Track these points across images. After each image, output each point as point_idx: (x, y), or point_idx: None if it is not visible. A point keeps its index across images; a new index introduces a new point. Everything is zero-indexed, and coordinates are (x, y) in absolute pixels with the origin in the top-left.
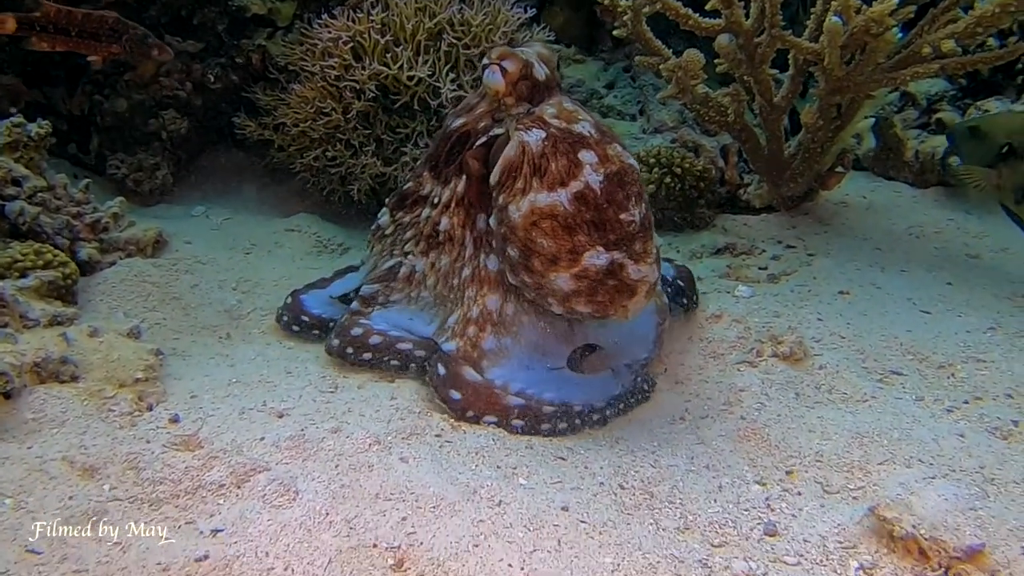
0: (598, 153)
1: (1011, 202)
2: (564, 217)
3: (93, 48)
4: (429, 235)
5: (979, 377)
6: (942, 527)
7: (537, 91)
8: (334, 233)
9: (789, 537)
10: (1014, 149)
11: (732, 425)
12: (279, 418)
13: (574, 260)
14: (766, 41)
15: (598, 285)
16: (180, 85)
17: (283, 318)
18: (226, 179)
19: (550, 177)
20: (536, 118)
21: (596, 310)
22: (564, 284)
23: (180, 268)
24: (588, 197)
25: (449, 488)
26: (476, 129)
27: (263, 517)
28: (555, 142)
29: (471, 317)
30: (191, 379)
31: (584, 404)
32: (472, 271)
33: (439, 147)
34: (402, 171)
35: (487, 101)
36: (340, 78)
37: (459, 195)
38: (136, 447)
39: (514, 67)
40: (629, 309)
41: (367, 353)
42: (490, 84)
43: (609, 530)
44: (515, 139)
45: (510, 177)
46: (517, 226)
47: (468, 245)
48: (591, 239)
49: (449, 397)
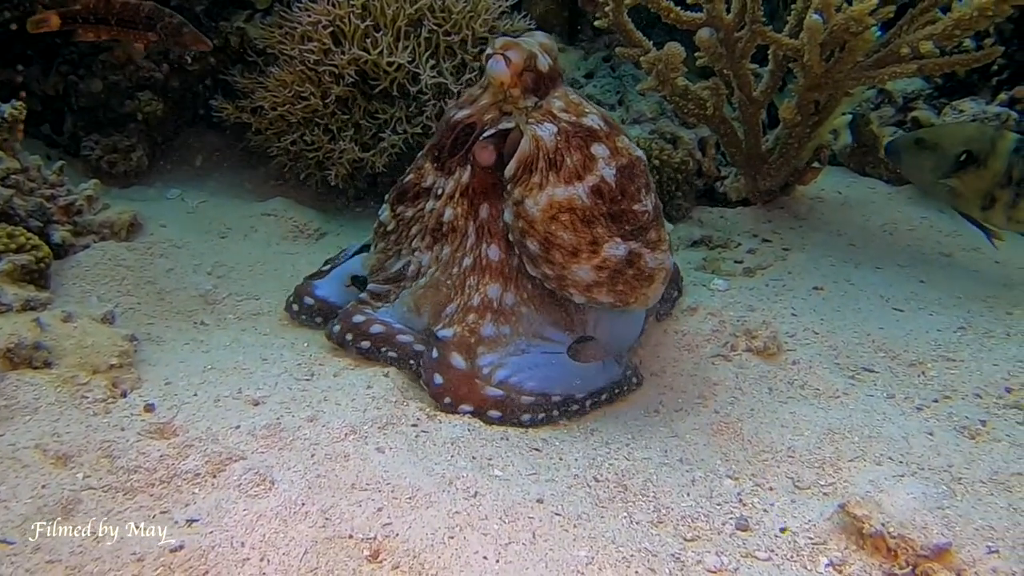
0: (609, 146)
1: (976, 209)
2: (582, 210)
3: (132, 36)
4: (434, 228)
5: (949, 376)
6: (910, 525)
7: (542, 81)
8: (311, 218)
9: (760, 532)
10: (975, 156)
11: (706, 419)
12: (254, 406)
13: (594, 251)
14: (747, 36)
15: (618, 275)
16: (157, 67)
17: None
18: (202, 162)
19: (566, 171)
20: (545, 112)
21: (617, 299)
22: (585, 275)
23: (155, 252)
24: (604, 190)
25: (425, 479)
26: (482, 121)
27: (239, 507)
28: (567, 136)
29: (471, 305)
30: (165, 365)
31: (564, 395)
32: (474, 260)
33: (442, 138)
34: (380, 157)
35: (490, 93)
36: (319, 63)
37: (463, 185)
38: (111, 435)
39: (518, 57)
40: (648, 296)
41: (365, 341)
42: (494, 74)
43: (583, 523)
44: (528, 133)
45: (525, 171)
46: (536, 220)
47: (471, 235)
48: (609, 230)
49: (432, 380)
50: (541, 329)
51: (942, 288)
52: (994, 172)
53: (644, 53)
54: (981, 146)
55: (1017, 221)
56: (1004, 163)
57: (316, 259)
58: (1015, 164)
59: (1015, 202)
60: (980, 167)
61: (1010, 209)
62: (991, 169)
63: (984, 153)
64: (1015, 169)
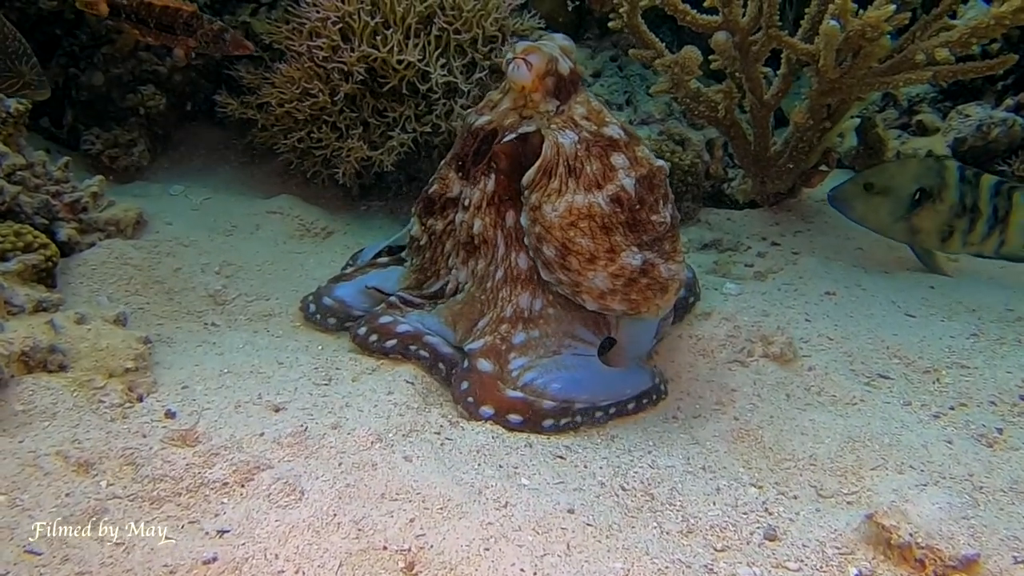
0: (628, 156)
1: (935, 244)
2: (602, 218)
3: (172, 40)
4: (466, 242)
5: (963, 383)
6: (937, 536)
7: (562, 85)
8: (317, 216)
9: (788, 542)
10: (928, 192)
11: (726, 426)
12: (276, 412)
13: (611, 259)
14: (762, 40)
15: (632, 283)
16: (159, 60)
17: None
18: (205, 158)
19: (585, 179)
20: (567, 119)
21: (630, 307)
22: (601, 283)
23: (162, 250)
24: (623, 199)
25: (455, 488)
26: (503, 126)
27: (270, 517)
28: (588, 145)
29: (504, 316)
30: (180, 368)
31: (588, 401)
32: (504, 272)
33: (464, 146)
34: (388, 155)
35: (511, 97)
36: (328, 59)
37: (489, 194)
38: (132, 442)
39: (540, 62)
40: (660, 306)
41: (391, 340)
42: (516, 79)
43: (615, 533)
44: (550, 139)
45: (544, 176)
46: (554, 225)
47: (500, 245)
48: (626, 239)
49: (459, 386)
50: (571, 328)
51: (951, 294)
52: (950, 204)
53: (657, 55)
54: (932, 181)
55: (972, 244)
56: (956, 193)
57: (324, 258)
58: (965, 192)
59: (971, 228)
60: (936, 202)
61: (967, 235)
62: (947, 202)
63: (937, 187)
64: (966, 197)
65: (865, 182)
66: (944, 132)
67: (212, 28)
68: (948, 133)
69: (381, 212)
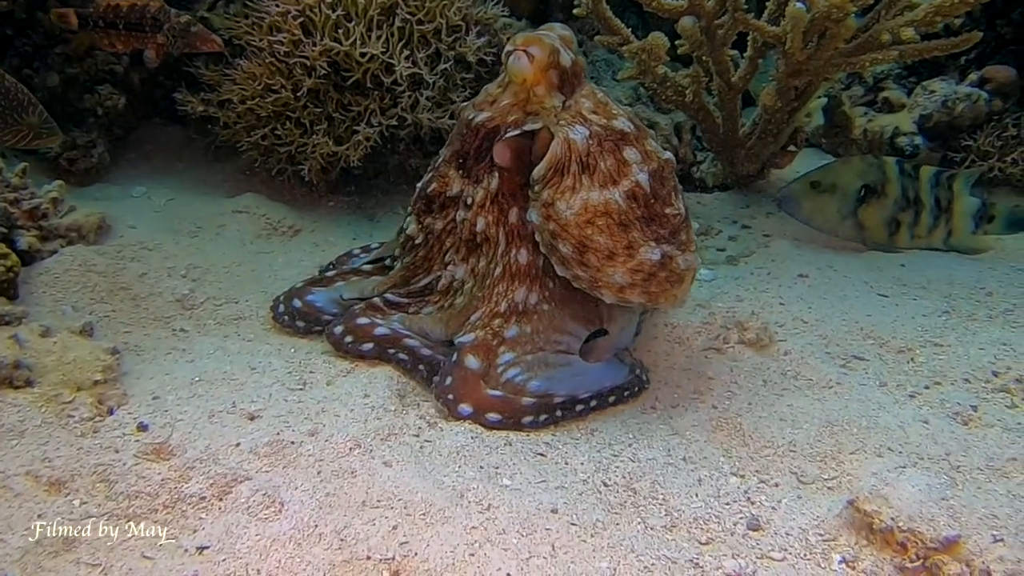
0: (639, 150)
1: (884, 238)
2: (619, 214)
3: (142, 41)
4: (468, 239)
5: (937, 361)
6: (918, 518)
7: (566, 79)
8: (284, 214)
9: (772, 531)
10: (872, 188)
11: (704, 415)
12: (251, 420)
13: (630, 255)
14: (728, 24)
15: (652, 277)
16: (116, 59)
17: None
18: (166, 158)
19: (600, 175)
20: (576, 113)
21: (649, 299)
22: (620, 278)
23: (126, 255)
24: (638, 194)
25: (436, 493)
26: (506, 123)
27: (250, 531)
28: (599, 140)
29: (498, 311)
30: (150, 378)
31: (567, 395)
32: (503, 268)
33: (465, 143)
34: (355, 150)
35: (512, 92)
36: (289, 54)
37: (493, 192)
38: (105, 457)
39: (541, 53)
40: (677, 296)
41: (368, 344)
42: (517, 71)
43: (600, 532)
44: (560, 136)
45: (556, 173)
46: (570, 223)
47: (501, 242)
48: (644, 234)
49: (443, 381)
50: (562, 323)
51: (923, 271)
52: (893, 198)
53: (624, 41)
54: (874, 177)
55: (919, 236)
56: (898, 187)
57: (293, 257)
58: (907, 185)
59: (916, 220)
60: (880, 197)
61: (913, 228)
62: (890, 196)
63: (879, 182)
64: (908, 190)
65: (811, 181)
66: (910, 108)
67: (179, 21)
68: (914, 109)
69: (349, 208)
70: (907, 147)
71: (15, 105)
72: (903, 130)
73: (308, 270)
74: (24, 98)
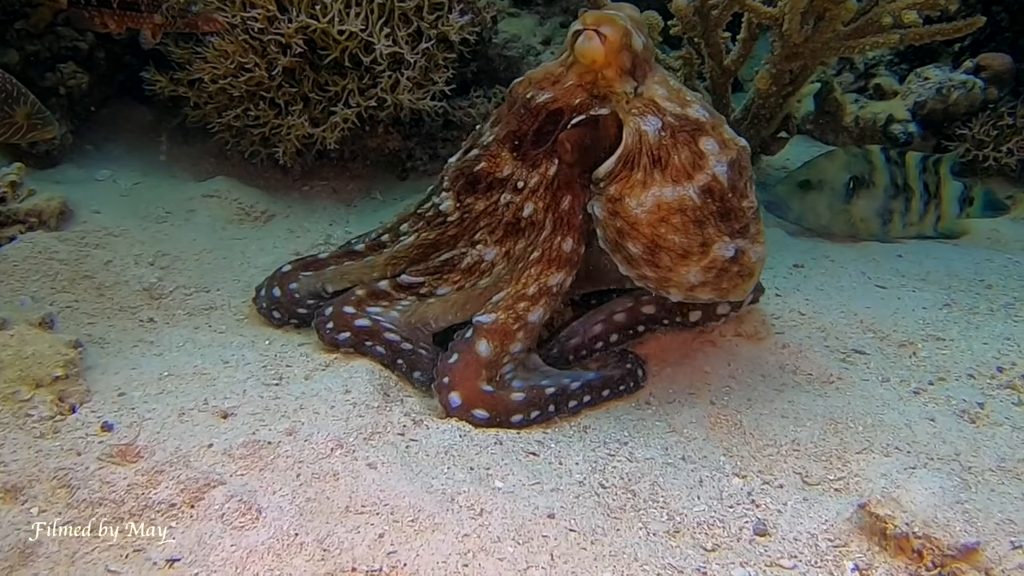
0: (717, 140)
1: (878, 228)
2: (694, 211)
3: (137, 21)
4: (510, 223)
5: (940, 356)
6: (933, 524)
7: (637, 63)
8: (257, 199)
9: (779, 536)
10: (861, 179)
11: (702, 411)
12: (224, 419)
13: (704, 253)
14: (724, 4)
15: (724, 273)
16: (81, 35)
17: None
18: (133, 139)
19: (673, 169)
20: (648, 101)
21: (719, 295)
22: (694, 277)
23: (90, 242)
24: (715, 189)
25: (425, 497)
26: (571, 106)
27: (225, 542)
28: (673, 132)
29: (526, 294)
30: (115, 372)
31: (557, 387)
32: (542, 253)
33: (523, 124)
34: (331, 132)
35: (576, 72)
36: (264, 31)
37: (549, 179)
38: (66, 461)
39: (614, 34)
40: (746, 290)
41: (345, 333)
42: (588, 51)
43: (600, 538)
44: (631, 126)
45: (626, 167)
46: (641, 221)
47: (547, 227)
48: (718, 230)
49: (447, 359)
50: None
51: (921, 262)
52: (883, 186)
53: None
54: (862, 168)
55: (911, 224)
56: (886, 175)
57: (266, 244)
58: (895, 172)
59: (907, 207)
60: (870, 187)
61: (905, 216)
62: (879, 185)
63: (867, 172)
64: (896, 177)
65: (798, 181)
66: (903, 96)
67: (179, 0)
68: (908, 96)
69: (324, 192)
70: (901, 135)
71: (3, 96)
72: (897, 117)
73: (282, 257)
74: (12, 88)
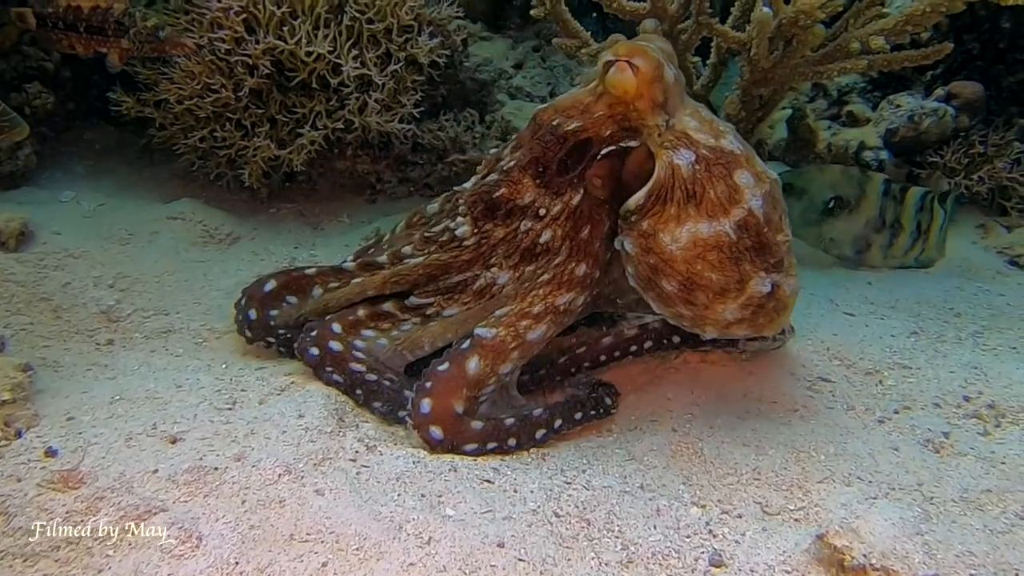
0: (751, 172)
1: (850, 253)
2: (730, 247)
3: (104, 44)
4: (527, 249)
5: (906, 385)
6: (892, 555)
7: (669, 95)
8: (222, 221)
9: (735, 568)
10: (844, 201)
11: (663, 438)
12: (172, 443)
13: (741, 290)
14: (692, 28)
15: (760, 309)
16: (47, 55)
17: None
18: (98, 160)
19: (708, 204)
20: (680, 134)
21: (754, 331)
22: (731, 315)
23: (49, 263)
24: (751, 224)
25: (372, 524)
26: (600, 136)
27: (162, 571)
28: (707, 165)
29: (531, 312)
30: (66, 396)
31: (518, 417)
32: (553, 275)
33: (548, 152)
34: (298, 154)
35: (605, 103)
36: (231, 52)
37: (572, 208)
38: (4, 487)
39: (648, 67)
40: (781, 324)
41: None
42: (619, 83)
43: (550, 568)
44: (664, 160)
45: (658, 201)
46: (676, 259)
47: (561, 254)
48: (754, 265)
49: (436, 366)
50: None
51: (890, 290)
52: (867, 217)
53: (582, 44)
54: (850, 191)
55: (894, 256)
56: (876, 207)
57: (230, 267)
58: (887, 207)
59: (892, 242)
60: (852, 212)
61: (887, 249)
62: (863, 214)
63: (853, 197)
64: (887, 212)
65: (784, 183)
66: (876, 123)
67: (146, 25)
68: (880, 124)
69: (292, 215)
70: (872, 162)
71: None
72: (868, 144)
73: (246, 280)
74: None
